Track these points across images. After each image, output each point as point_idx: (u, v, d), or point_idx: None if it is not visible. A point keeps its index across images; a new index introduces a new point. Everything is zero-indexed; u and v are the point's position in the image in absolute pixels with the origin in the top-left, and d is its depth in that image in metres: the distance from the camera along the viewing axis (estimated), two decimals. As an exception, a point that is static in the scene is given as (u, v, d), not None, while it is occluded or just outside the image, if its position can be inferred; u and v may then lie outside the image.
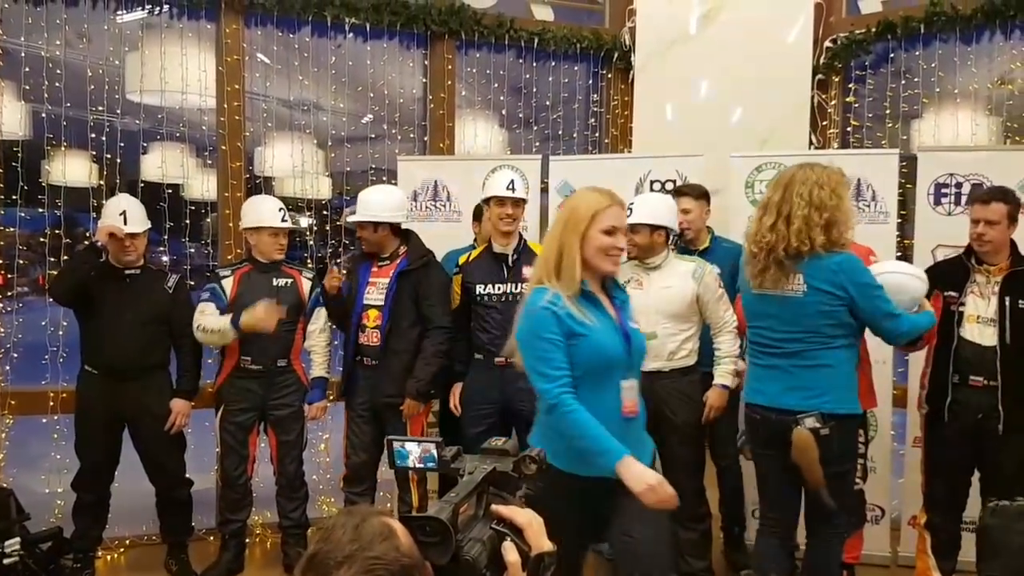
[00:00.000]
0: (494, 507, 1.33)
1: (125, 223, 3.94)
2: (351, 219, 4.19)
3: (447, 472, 1.45)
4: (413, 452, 1.50)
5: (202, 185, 5.62)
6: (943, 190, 4.42)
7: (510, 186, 3.97)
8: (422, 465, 1.48)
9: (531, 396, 3.86)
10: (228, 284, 4.09)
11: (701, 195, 4.26)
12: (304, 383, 4.19)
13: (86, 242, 4.03)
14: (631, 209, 3.71)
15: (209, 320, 3.99)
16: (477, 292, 4.00)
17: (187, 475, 4.22)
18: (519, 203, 3.99)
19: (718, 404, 3.84)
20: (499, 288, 3.98)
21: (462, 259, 4.15)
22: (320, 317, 4.20)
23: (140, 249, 4.03)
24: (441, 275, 4.10)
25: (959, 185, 4.36)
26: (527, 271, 3.93)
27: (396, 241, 4.04)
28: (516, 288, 3.93)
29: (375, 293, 4.01)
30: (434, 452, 1.50)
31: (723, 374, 3.84)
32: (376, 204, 3.99)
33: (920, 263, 4.21)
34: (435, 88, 5.40)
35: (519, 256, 3.99)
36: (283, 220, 4.12)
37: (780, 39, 5.25)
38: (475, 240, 4.53)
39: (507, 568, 1.22)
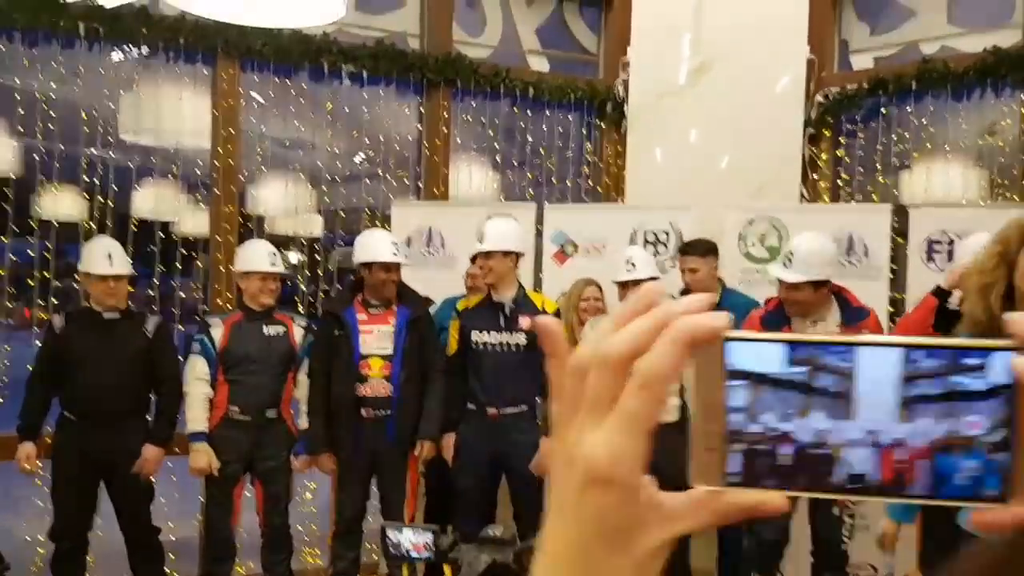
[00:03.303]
0: None
1: (111, 265, 3.91)
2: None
3: (444, 562, 1.42)
4: (410, 540, 1.47)
5: (193, 222, 5.61)
6: (935, 246, 4.44)
7: (480, 237, 3.97)
8: (419, 555, 1.46)
9: (524, 450, 3.88)
10: (218, 334, 4.03)
11: (708, 251, 4.24)
12: (293, 434, 4.11)
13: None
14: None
15: (194, 392, 3.96)
16: (473, 339, 3.97)
17: (155, 524, 4.11)
18: (491, 255, 3.95)
19: None
20: (495, 337, 3.95)
21: (461, 304, 4.13)
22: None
23: (122, 293, 3.98)
24: (434, 321, 4.11)
25: (951, 242, 4.38)
26: (524, 321, 3.92)
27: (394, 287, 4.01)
28: (512, 338, 3.90)
29: (375, 342, 3.93)
30: (431, 541, 1.47)
31: None
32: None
33: (912, 319, 4.23)
34: (431, 134, 5.42)
35: (517, 306, 3.96)
36: (272, 264, 4.07)
37: (772, 92, 5.30)
38: (467, 289, 4.50)
39: None
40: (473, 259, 4.45)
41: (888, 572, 4.49)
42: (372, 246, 3.96)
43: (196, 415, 3.93)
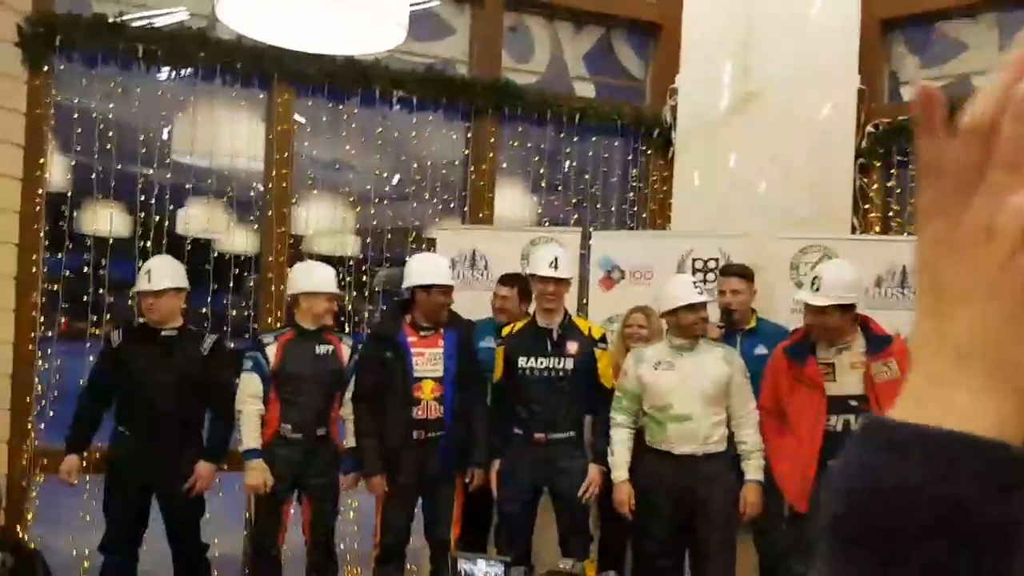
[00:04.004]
0: None
1: (148, 282, 3.98)
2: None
3: None
4: (483, 571, 1.48)
5: (243, 241, 5.68)
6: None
7: (553, 263, 3.96)
8: None
9: (572, 476, 3.87)
10: (271, 351, 4.06)
11: (750, 275, 4.25)
12: (341, 452, 4.13)
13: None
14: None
15: (244, 418, 3.97)
16: (519, 365, 3.96)
17: (203, 540, 4.16)
18: (561, 282, 3.97)
19: (754, 500, 3.75)
20: (541, 362, 3.93)
21: (505, 330, 4.13)
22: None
23: (163, 309, 4.02)
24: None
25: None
26: (571, 346, 3.92)
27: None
28: (559, 363, 3.89)
29: (426, 364, 3.94)
30: (502, 572, 1.48)
31: (755, 469, 3.76)
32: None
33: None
34: (476, 159, 5.46)
35: (564, 331, 3.96)
36: (339, 286, 4.19)
37: (821, 122, 5.28)
38: (495, 311, 4.45)
39: None
40: (501, 281, 4.48)
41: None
42: (432, 269, 3.99)
43: (250, 432, 3.95)
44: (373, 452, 3.89)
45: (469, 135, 5.49)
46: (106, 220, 5.07)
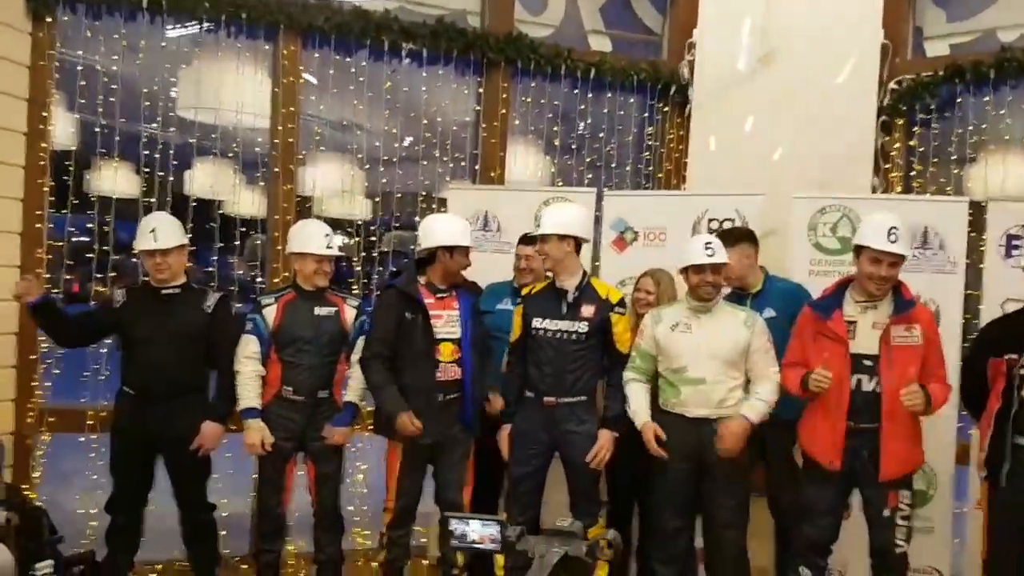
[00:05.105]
0: None
1: (155, 240, 3.89)
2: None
3: (511, 554, 1.37)
4: (477, 532, 1.42)
5: (249, 202, 5.55)
6: (1015, 241, 4.25)
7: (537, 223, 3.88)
8: (484, 546, 1.41)
9: (582, 440, 3.80)
10: (270, 312, 3.97)
11: (739, 239, 4.08)
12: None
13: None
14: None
15: (241, 379, 3.89)
16: (533, 326, 3.87)
17: (210, 500, 4.11)
18: (546, 239, 3.83)
19: (736, 433, 3.57)
20: (555, 324, 3.83)
21: (525, 291, 4.03)
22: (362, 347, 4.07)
23: (174, 266, 3.95)
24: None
25: (1032, 237, 4.20)
26: (586, 309, 3.82)
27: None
28: (573, 326, 3.80)
29: (444, 326, 3.84)
30: (498, 532, 1.42)
31: (751, 407, 3.61)
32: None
33: (989, 317, 4.06)
34: (488, 116, 5.34)
35: (580, 294, 3.85)
36: (328, 247, 3.98)
37: (844, 79, 5.11)
38: (516, 272, 4.38)
39: None
40: (522, 241, 4.37)
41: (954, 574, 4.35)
42: (458, 229, 3.88)
43: (247, 392, 3.89)
44: (394, 394, 3.76)
45: (481, 90, 5.36)
46: (111, 179, 5.00)
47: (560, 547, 1.38)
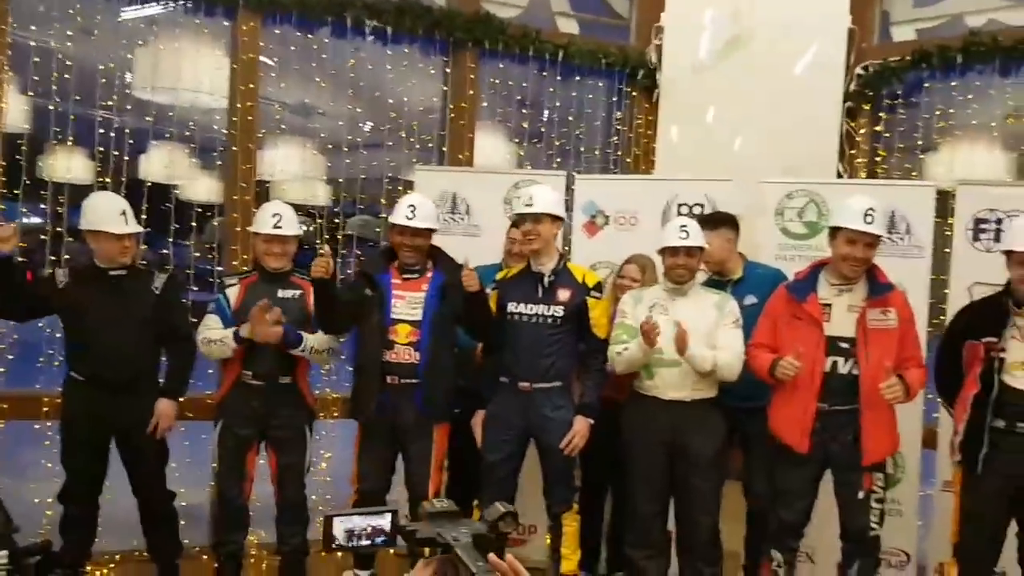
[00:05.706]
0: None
1: (127, 223, 3.75)
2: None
3: (411, 542, 1.33)
4: (359, 527, 1.37)
5: (205, 187, 5.40)
6: (982, 225, 4.27)
7: (528, 202, 3.78)
8: (369, 543, 1.37)
9: (557, 426, 3.73)
10: (233, 294, 3.86)
11: (720, 223, 4.05)
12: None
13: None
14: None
15: (212, 332, 3.80)
16: (508, 310, 3.78)
17: (169, 488, 3.98)
18: (539, 219, 3.77)
19: (681, 336, 3.48)
20: (531, 308, 3.76)
21: (500, 275, 3.96)
22: None
23: (133, 251, 3.84)
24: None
25: (999, 221, 4.20)
26: (562, 293, 3.75)
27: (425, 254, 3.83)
28: (548, 311, 3.73)
29: (404, 307, 3.73)
30: (385, 525, 1.38)
31: (706, 357, 3.56)
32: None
33: (956, 301, 4.08)
34: (456, 98, 5.24)
35: (556, 277, 3.77)
36: (276, 227, 3.84)
37: (810, 64, 5.10)
38: (505, 254, 4.32)
39: None
40: (514, 223, 4.26)
41: (920, 558, 4.37)
42: (401, 207, 3.79)
43: (223, 335, 3.76)
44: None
45: (448, 70, 5.25)
46: (65, 165, 4.83)
47: (467, 528, 1.33)
